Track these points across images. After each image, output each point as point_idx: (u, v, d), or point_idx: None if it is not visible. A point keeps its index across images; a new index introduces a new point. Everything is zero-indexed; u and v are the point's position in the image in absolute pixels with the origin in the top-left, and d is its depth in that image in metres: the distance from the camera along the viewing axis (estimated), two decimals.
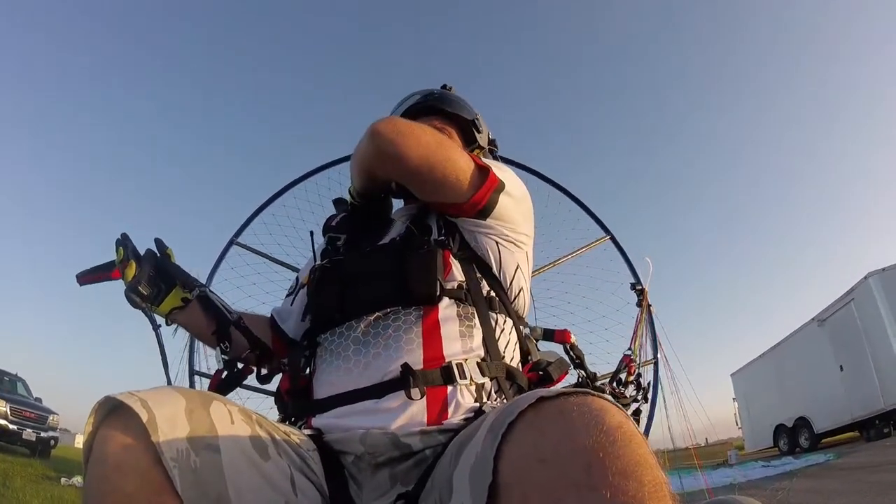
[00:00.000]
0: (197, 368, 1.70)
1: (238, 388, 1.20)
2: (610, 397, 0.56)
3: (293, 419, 0.97)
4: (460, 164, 1.00)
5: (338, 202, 1.29)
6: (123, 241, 1.08)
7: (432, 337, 0.93)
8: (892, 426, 9.09)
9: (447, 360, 0.90)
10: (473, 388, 0.89)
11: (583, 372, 1.17)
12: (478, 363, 0.92)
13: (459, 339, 0.95)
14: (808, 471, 7.43)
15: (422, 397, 0.85)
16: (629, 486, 0.47)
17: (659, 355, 1.21)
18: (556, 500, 0.48)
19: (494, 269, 1.09)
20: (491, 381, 0.93)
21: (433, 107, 1.29)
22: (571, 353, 1.13)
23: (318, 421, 0.90)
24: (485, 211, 1.04)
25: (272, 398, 1.43)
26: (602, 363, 1.63)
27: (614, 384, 1.41)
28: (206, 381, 1.29)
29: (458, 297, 1.00)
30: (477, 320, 0.99)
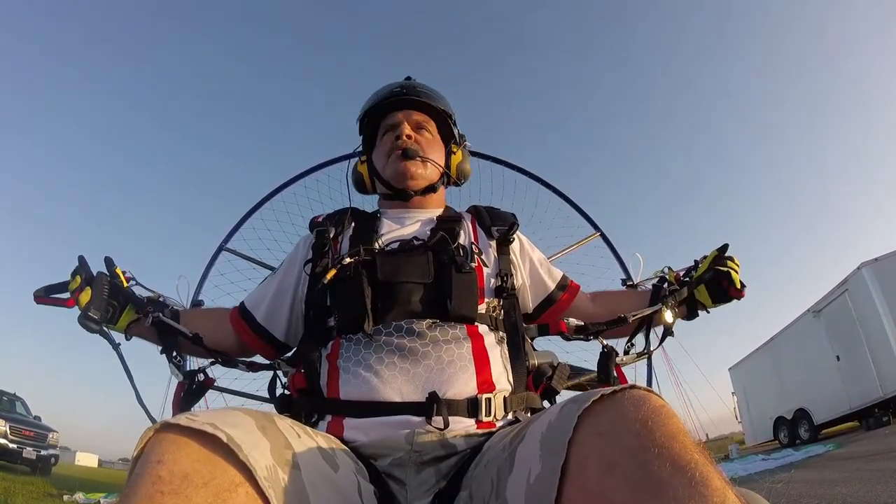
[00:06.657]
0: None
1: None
2: (653, 389, 0.61)
3: (310, 421, 0.95)
4: None
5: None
6: (80, 269, 1.04)
7: (482, 362, 0.95)
8: (891, 414, 9.13)
9: (495, 388, 0.94)
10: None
11: (606, 341, 1.15)
12: (504, 398, 0.94)
13: (504, 372, 0.99)
14: (808, 462, 7.43)
15: (445, 427, 0.84)
16: (675, 445, 0.52)
17: (653, 349, 1.18)
18: (610, 464, 0.53)
19: (519, 297, 1.18)
20: (513, 415, 0.96)
21: (411, 100, 1.24)
22: (577, 335, 1.11)
23: (352, 424, 0.89)
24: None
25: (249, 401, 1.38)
26: (593, 360, 1.61)
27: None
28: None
29: (489, 323, 1.03)
30: (506, 348, 1.04)
